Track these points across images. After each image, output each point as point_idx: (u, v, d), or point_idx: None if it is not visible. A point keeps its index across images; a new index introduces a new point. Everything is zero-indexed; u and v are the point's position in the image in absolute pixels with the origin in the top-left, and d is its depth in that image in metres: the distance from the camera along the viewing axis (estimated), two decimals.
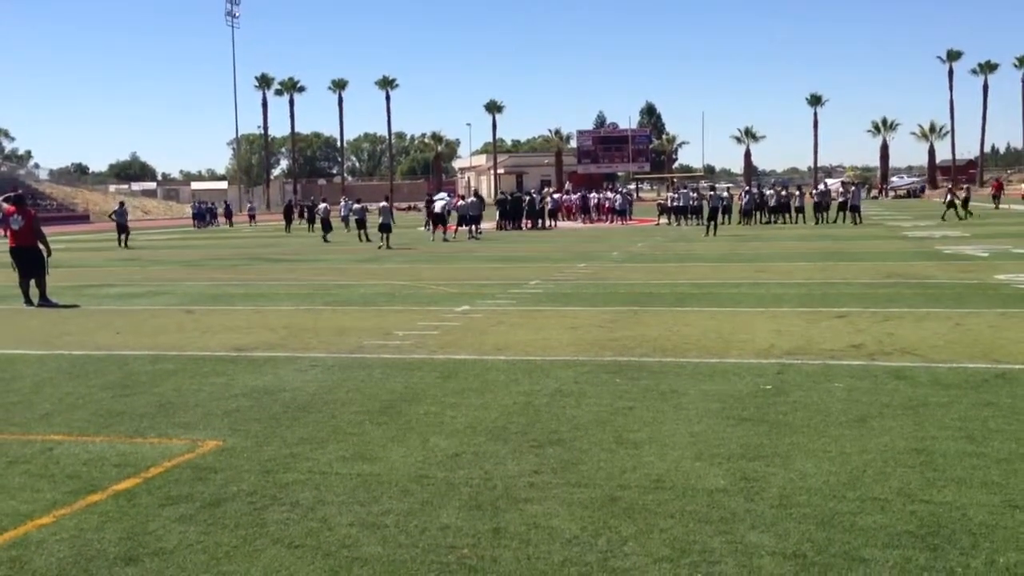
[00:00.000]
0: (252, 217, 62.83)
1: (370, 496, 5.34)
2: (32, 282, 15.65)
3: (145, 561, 4.46)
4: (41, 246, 15.59)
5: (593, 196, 50.05)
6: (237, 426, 7.01)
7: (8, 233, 15.93)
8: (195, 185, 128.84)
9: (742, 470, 5.57)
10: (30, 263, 15.53)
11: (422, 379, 8.61)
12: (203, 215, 60.58)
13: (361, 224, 34.22)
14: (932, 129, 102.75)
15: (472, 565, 4.31)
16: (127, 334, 12.09)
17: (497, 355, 9.76)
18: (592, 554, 4.38)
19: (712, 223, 33.22)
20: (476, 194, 40.76)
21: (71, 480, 5.78)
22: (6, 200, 16.37)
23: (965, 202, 40.77)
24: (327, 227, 35.79)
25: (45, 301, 15.47)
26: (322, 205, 38.10)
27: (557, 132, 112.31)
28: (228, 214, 62.40)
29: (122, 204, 38.39)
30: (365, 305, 14.69)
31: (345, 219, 42.87)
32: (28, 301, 15.50)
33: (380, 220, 30.14)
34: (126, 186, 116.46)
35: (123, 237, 34.95)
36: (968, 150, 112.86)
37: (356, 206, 35.08)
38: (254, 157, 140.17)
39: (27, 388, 8.66)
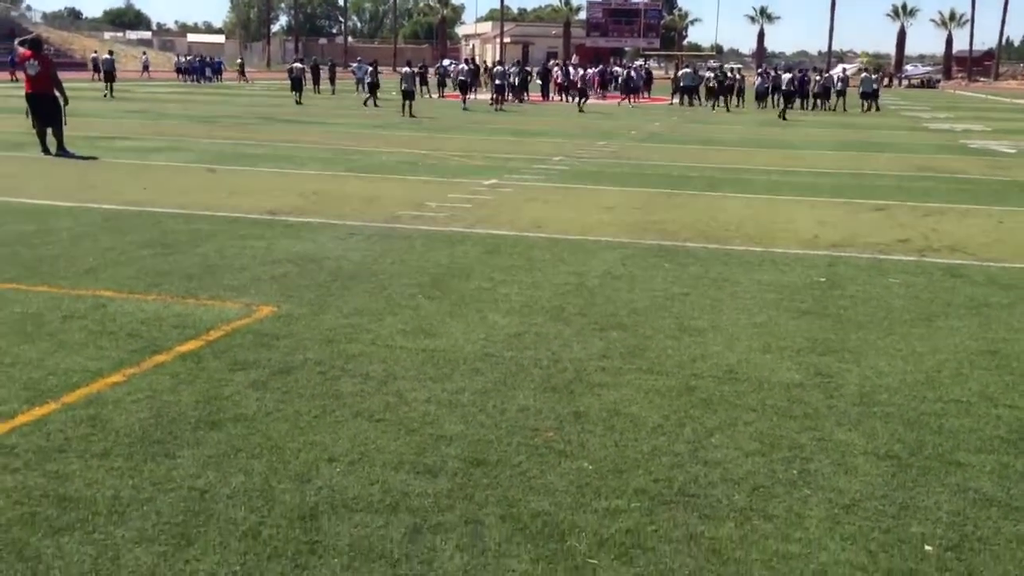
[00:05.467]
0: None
1: (440, 372, 5.27)
2: (48, 131, 15.29)
3: (228, 426, 4.40)
4: (58, 94, 15.17)
5: (618, 71, 48.72)
6: (288, 292, 6.90)
7: (25, 78, 15.45)
8: (191, 37, 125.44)
9: (814, 365, 5.51)
10: (47, 111, 15.15)
11: (465, 253, 8.48)
12: (201, 69, 59.12)
13: (373, 88, 33.42)
14: (952, 17, 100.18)
15: (560, 449, 4.27)
16: (154, 190, 11.87)
17: (537, 232, 9.61)
18: (681, 444, 4.34)
19: (787, 105, 32.66)
20: (516, 63, 39.77)
21: (132, 339, 5.69)
22: (21, 44, 15.84)
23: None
24: (296, 86, 35.03)
25: (63, 151, 15.15)
26: (296, 64, 37.28)
27: (567, 2, 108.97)
28: (217, 70, 60.77)
29: (111, 52, 41.22)
30: (390, 174, 14.43)
31: (360, 81, 41.82)
32: (45, 149, 15.19)
33: (403, 86, 29.09)
34: (121, 34, 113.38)
35: (109, 85, 36.22)
36: (983, 41, 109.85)
37: (369, 68, 34.27)
38: (252, 11, 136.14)
39: (65, 241, 8.51)
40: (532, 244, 8.99)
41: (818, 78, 39.67)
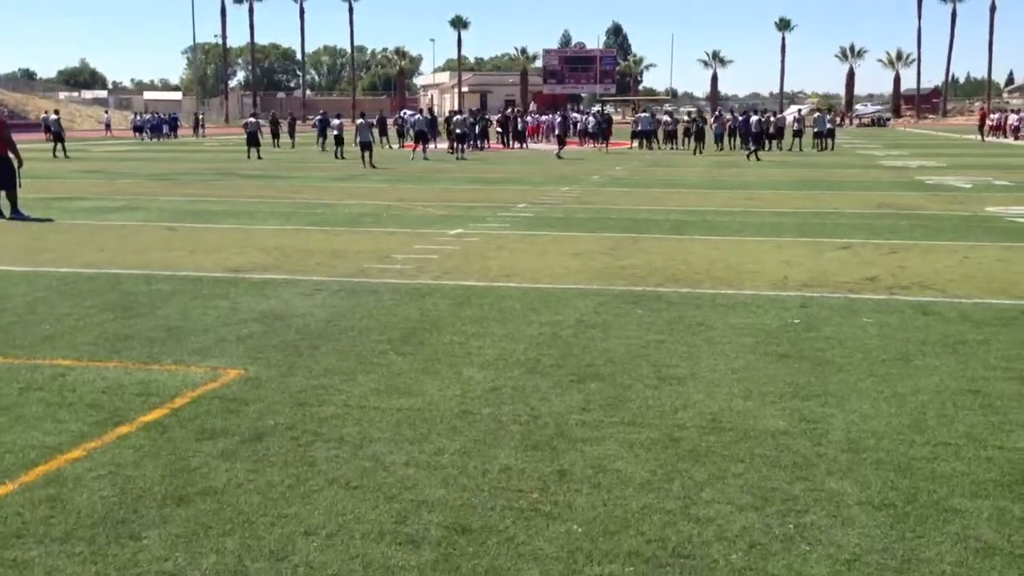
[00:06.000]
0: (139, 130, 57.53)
1: (417, 433, 5.09)
2: (2, 194, 14.98)
3: (196, 501, 4.19)
4: (12, 156, 14.89)
5: (576, 117, 48.86)
6: (255, 354, 6.70)
7: None
8: (148, 95, 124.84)
9: (798, 410, 5.41)
10: (1, 173, 14.84)
11: (435, 306, 8.34)
12: (159, 126, 58.59)
13: (339, 141, 33.31)
14: (899, 57, 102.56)
15: (547, 512, 4.10)
16: (111, 251, 11.61)
17: (507, 282, 9.49)
18: (671, 501, 4.19)
19: (757, 147, 32.46)
20: (472, 112, 39.70)
21: (93, 410, 5.46)
22: None
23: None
24: (253, 141, 34.37)
25: (17, 214, 14.84)
26: (251, 119, 37.01)
27: (523, 51, 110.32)
28: (174, 126, 60.08)
29: (56, 112, 39.96)
30: (354, 226, 14.28)
31: (323, 135, 41.54)
32: None
33: (359, 138, 29.16)
34: (76, 94, 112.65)
35: (59, 146, 35.15)
36: (929, 79, 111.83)
37: (335, 121, 34.27)
38: (209, 67, 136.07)
39: (20, 308, 8.23)
40: (502, 294, 8.86)
41: (772, 119, 40.20)
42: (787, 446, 4.85)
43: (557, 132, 36.50)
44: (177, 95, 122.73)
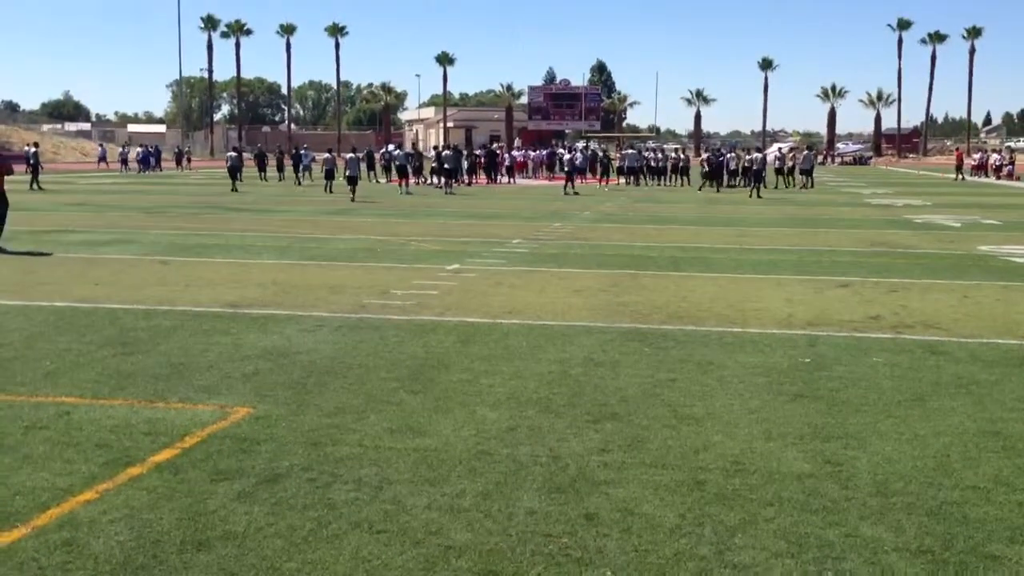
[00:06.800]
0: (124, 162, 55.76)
1: (436, 475, 5.00)
2: None
3: (217, 547, 4.07)
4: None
5: (564, 153, 48.90)
6: (263, 392, 6.59)
7: None
8: (132, 128, 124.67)
9: (821, 452, 5.35)
10: None
11: (440, 343, 8.25)
12: (146, 159, 58.36)
13: (330, 175, 33.39)
14: (879, 97, 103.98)
15: (578, 557, 4.01)
16: (107, 286, 11.46)
17: (510, 319, 9.42)
18: (704, 547, 4.11)
19: (757, 186, 32.40)
20: (455, 148, 39.73)
21: (101, 450, 5.33)
22: None
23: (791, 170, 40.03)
24: (234, 175, 35.13)
25: None
26: (231, 152, 37.20)
27: (508, 87, 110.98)
28: (158, 159, 59.70)
29: (36, 144, 39.42)
30: (349, 261, 14.19)
31: (307, 169, 41.71)
32: None
33: (347, 172, 29.43)
34: (60, 126, 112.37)
35: (35, 178, 34.93)
36: (907, 120, 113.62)
37: (326, 156, 34.41)
38: (194, 101, 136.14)
39: (19, 342, 8.09)
40: (507, 331, 8.79)
41: (754, 156, 40.52)
42: (815, 489, 4.78)
43: (567, 169, 36.35)
44: (161, 128, 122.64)
